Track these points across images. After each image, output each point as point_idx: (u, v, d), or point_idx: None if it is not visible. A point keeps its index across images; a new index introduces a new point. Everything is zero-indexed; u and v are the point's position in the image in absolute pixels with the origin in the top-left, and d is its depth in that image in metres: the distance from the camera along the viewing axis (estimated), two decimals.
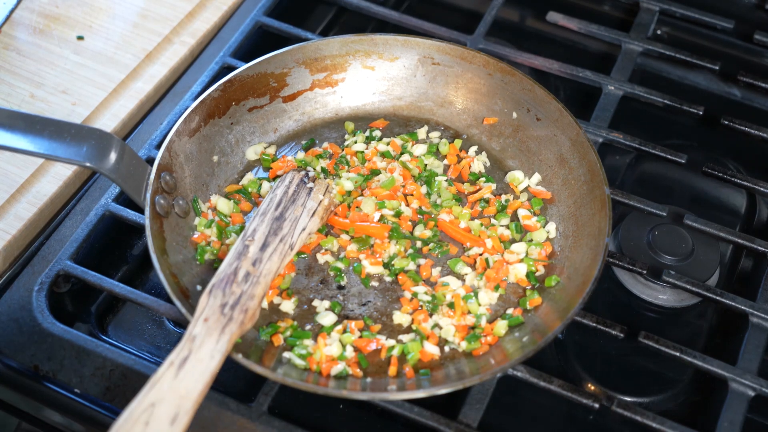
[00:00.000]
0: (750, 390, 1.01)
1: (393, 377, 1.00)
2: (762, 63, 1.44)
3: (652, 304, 1.16)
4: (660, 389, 1.11)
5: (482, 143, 1.23)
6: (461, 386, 0.96)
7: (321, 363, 1.00)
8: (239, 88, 1.20)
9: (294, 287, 1.09)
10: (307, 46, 1.24)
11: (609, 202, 1.09)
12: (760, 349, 1.05)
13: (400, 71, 1.26)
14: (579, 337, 1.14)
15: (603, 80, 1.30)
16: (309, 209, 1.11)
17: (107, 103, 1.29)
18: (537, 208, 1.16)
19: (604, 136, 1.23)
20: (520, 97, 1.21)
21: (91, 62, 1.33)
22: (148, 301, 1.07)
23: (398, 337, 1.04)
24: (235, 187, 1.17)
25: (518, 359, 0.97)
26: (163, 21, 1.39)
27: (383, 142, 1.22)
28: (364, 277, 1.10)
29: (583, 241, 1.09)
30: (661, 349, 1.04)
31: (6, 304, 1.07)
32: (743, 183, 1.21)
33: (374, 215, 1.13)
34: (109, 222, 1.15)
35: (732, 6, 1.45)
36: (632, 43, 1.35)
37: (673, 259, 1.16)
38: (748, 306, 1.08)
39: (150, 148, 1.21)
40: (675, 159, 1.22)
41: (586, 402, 0.99)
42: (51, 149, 0.99)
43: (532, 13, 1.53)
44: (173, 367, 0.88)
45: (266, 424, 0.98)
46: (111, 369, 1.02)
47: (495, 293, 1.08)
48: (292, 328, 1.04)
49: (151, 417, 0.84)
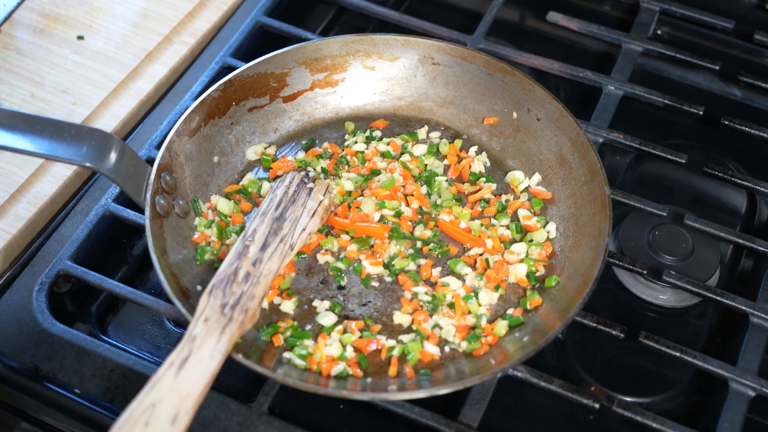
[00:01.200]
0: (750, 390, 1.01)
1: (393, 377, 1.00)
2: (762, 63, 1.43)
3: (652, 304, 1.16)
4: (660, 389, 1.11)
5: (482, 143, 1.23)
6: (461, 386, 0.96)
7: (321, 363, 1.00)
8: (239, 88, 1.20)
9: (294, 287, 1.09)
10: (307, 46, 1.24)
11: (609, 202, 1.09)
12: (760, 349, 1.05)
13: (400, 71, 1.26)
14: (579, 338, 1.14)
15: (603, 80, 1.30)
16: (309, 209, 1.11)
17: (107, 102, 1.29)
18: (537, 208, 1.16)
19: (604, 136, 1.23)
20: (521, 97, 1.21)
21: (91, 62, 1.33)
22: (148, 301, 1.07)
23: (398, 338, 1.04)
24: (236, 187, 1.17)
25: (518, 359, 0.97)
26: (163, 21, 1.39)
27: (383, 142, 1.22)
28: (364, 277, 1.10)
29: (584, 241, 1.09)
30: (661, 350, 1.04)
31: (6, 304, 1.07)
32: (743, 183, 1.21)
33: (374, 215, 1.13)
34: (109, 222, 1.15)
35: (732, 6, 1.45)
36: (632, 43, 1.35)
37: (674, 259, 1.16)
38: (748, 306, 1.08)
39: (150, 148, 1.21)
40: (675, 159, 1.22)
41: (587, 402, 0.99)
42: (51, 149, 0.98)
43: (532, 13, 1.53)
44: (173, 367, 0.88)
45: (266, 424, 0.98)
46: (111, 369, 1.02)
47: (495, 293, 1.08)
48: (292, 328, 1.04)
49: (151, 417, 0.84)
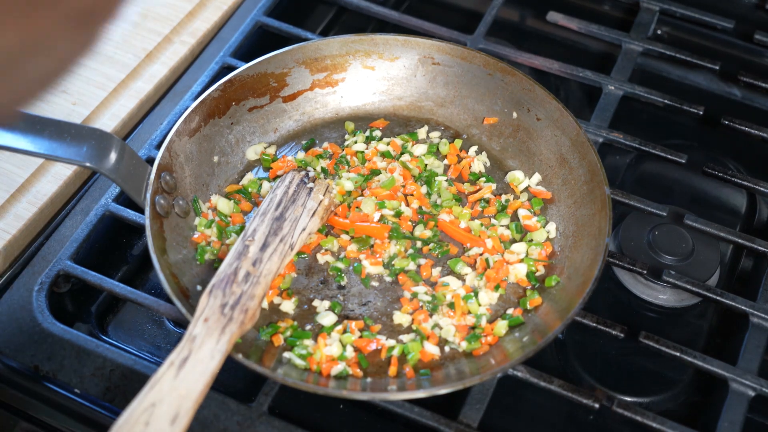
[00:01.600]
0: (750, 390, 1.01)
1: (393, 377, 1.00)
2: (762, 63, 1.43)
3: (652, 304, 1.16)
4: (660, 389, 1.11)
5: (482, 143, 1.23)
6: (461, 386, 0.96)
7: (321, 363, 1.00)
8: (239, 88, 1.20)
9: (294, 287, 1.09)
10: (307, 46, 1.24)
11: (609, 202, 1.08)
12: (760, 349, 1.05)
13: (400, 71, 1.26)
14: (579, 337, 1.14)
15: (603, 80, 1.30)
16: (309, 209, 1.11)
17: (107, 102, 1.29)
18: (537, 208, 1.16)
19: (604, 135, 1.23)
20: (521, 97, 1.21)
21: (91, 62, 1.33)
22: (148, 301, 1.07)
23: (398, 337, 1.04)
24: (235, 187, 1.17)
25: (518, 359, 0.97)
26: (163, 20, 1.39)
27: (383, 142, 1.22)
28: (364, 277, 1.10)
29: (584, 241, 1.09)
30: (661, 349, 1.04)
31: (6, 304, 1.07)
32: (743, 183, 1.21)
33: (374, 215, 1.13)
34: (109, 222, 1.15)
35: (732, 6, 1.45)
36: (632, 43, 1.35)
37: (674, 259, 1.16)
38: (748, 306, 1.08)
39: (150, 148, 1.21)
40: (675, 159, 1.22)
41: (587, 402, 0.99)
42: (51, 149, 0.98)
43: (532, 13, 1.53)
44: (173, 367, 0.88)
45: (266, 424, 0.98)
46: (111, 369, 1.02)
47: (495, 293, 1.08)
48: (292, 328, 1.04)
49: (151, 417, 0.84)
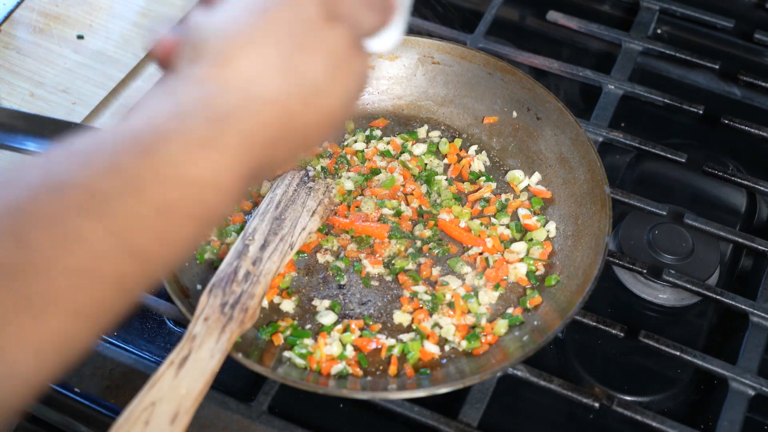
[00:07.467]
0: (750, 389, 1.01)
1: (393, 376, 1.00)
2: (762, 62, 1.43)
3: (652, 303, 1.16)
4: (660, 388, 1.11)
5: (482, 142, 1.23)
6: (461, 385, 0.96)
7: (321, 362, 1.00)
8: None
9: (294, 286, 1.09)
10: None
11: (609, 201, 1.08)
12: (760, 348, 1.05)
13: (400, 70, 1.26)
14: (579, 337, 1.14)
15: (603, 79, 1.30)
16: (309, 209, 1.11)
17: (107, 102, 1.29)
18: (537, 207, 1.16)
19: (604, 135, 1.23)
20: (520, 96, 1.21)
21: (91, 61, 1.33)
22: (148, 301, 1.07)
23: (398, 337, 1.04)
24: None
25: (518, 358, 0.97)
26: (163, 20, 1.39)
27: (383, 141, 1.22)
28: (364, 276, 1.09)
29: (584, 240, 1.09)
30: (661, 349, 1.04)
31: None
32: (743, 182, 1.21)
33: (374, 215, 1.13)
34: None
35: (732, 5, 1.45)
36: (632, 43, 1.35)
37: (673, 258, 1.16)
38: (748, 305, 1.08)
39: None
40: (675, 158, 1.21)
41: (587, 401, 0.99)
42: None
43: (532, 12, 1.53)
44: (173, 366, 0.88)
45: (266, 423, 0.98)
46: (111, 368, 1.02)
47: (495, 292, 1.08)
48: (292, 327, 1.04)
49: (151, 416, 0.84)
